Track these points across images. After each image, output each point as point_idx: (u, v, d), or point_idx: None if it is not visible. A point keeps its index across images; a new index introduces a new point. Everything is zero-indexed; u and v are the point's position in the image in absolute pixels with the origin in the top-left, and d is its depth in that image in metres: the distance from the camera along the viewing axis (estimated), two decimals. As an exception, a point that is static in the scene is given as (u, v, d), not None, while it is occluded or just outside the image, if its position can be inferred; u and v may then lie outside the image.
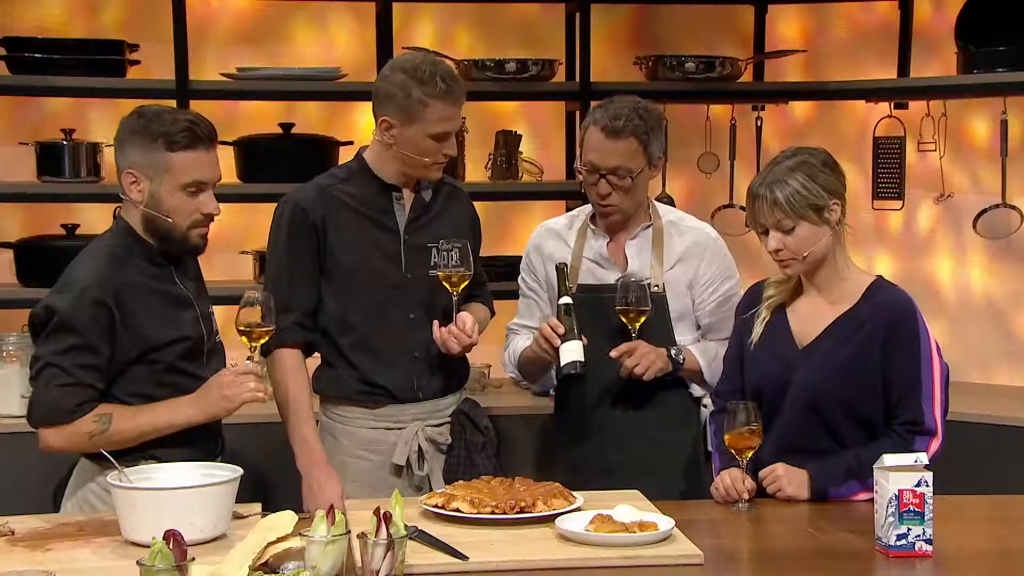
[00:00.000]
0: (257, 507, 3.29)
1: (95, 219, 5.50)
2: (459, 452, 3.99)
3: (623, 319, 3.81)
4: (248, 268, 5.48)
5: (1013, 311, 5.65)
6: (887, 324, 3.45)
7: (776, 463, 3.48)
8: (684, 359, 3.90)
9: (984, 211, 5.50)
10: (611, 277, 3.95)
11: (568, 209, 5.73)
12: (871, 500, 3.37)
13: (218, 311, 5.59)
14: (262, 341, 3.41)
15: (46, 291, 5.12)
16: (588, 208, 4.09)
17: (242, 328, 3.39)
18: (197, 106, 5.29)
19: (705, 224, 4.15)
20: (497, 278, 5.11)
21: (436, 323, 3.82)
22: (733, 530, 3.29)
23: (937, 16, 5.77)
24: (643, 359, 3.80)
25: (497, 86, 5.48)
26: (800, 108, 5.98)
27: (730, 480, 3.44)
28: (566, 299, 3.84)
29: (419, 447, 3.91)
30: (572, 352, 3.78)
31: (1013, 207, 5.46)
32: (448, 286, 3.79)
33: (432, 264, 3.86)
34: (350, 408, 3.93)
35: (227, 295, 5.44)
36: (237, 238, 5.54)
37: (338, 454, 3.92)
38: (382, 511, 2.72)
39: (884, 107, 5.72)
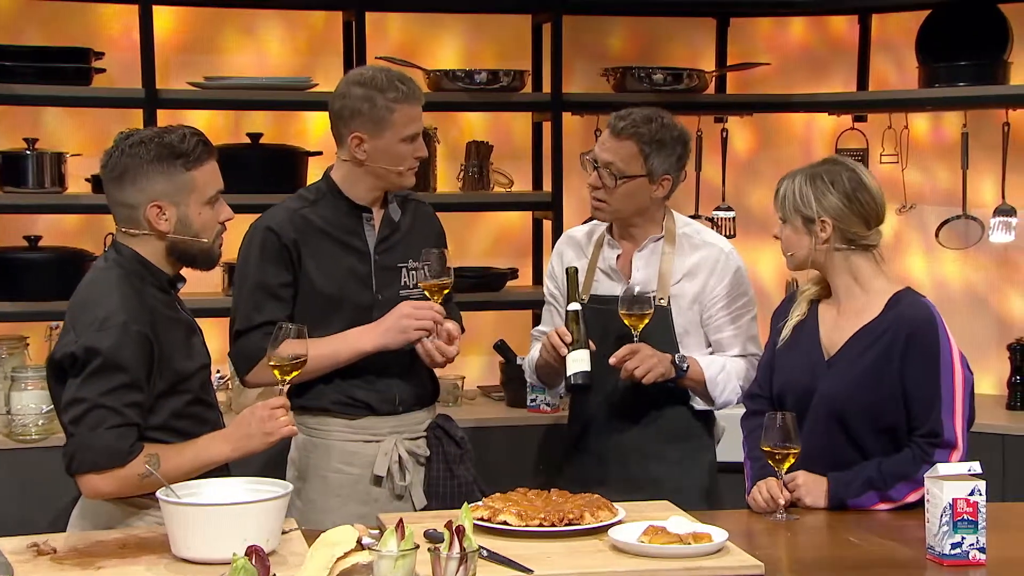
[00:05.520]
0: (293, 522, 3.23)
1: (57, 231, 5.39)
2: (438, 464, 3.98)
3: (625, 322, 3.79)
4: (216, 280, 5.39)
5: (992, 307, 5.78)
6: (906, 334, 3.48)
7: (797, 471, 3.50)
8: (688, 366, 3.88)
9: (946, 222, 5.60)
10: (618, 289, 3.93)
11: (534, 220, 5.79)
12: (888, 511, 3.45)
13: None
14: (294, 375, 3.34)
15: (7, 304, 5.10)
16: None
17: (275, 362, 3.30)
18: (164, 116, 5.22)
19: (721, 239, 4.13)
20: (467, 288, 5.15)
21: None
22: (772, 540, 3.30)
23: (895, 30, 5.87)
24: (644, 362, 3.78)
25: (468, 96, 5.47)
26: (763, 120, 6.04)
27: (767, 490, 3.45)
28: (575, 305, 3.83)
29: (399, 457, 3.90)
30: (579, 362, 3.78)
31: (974, 218, 5.56)
32: (430, 295, 3.79)
33: (403, 284, 3.88)
34: (327, 420, 3.90)
35: (195, 308, 5.39)
36: (204, 250, 5.44)
37: (319, 470, 3.90)
38: (455, 525, 2.69)
39: (846, 119, 5.81)
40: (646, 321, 3.80)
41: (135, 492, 3.21)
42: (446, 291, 3.80)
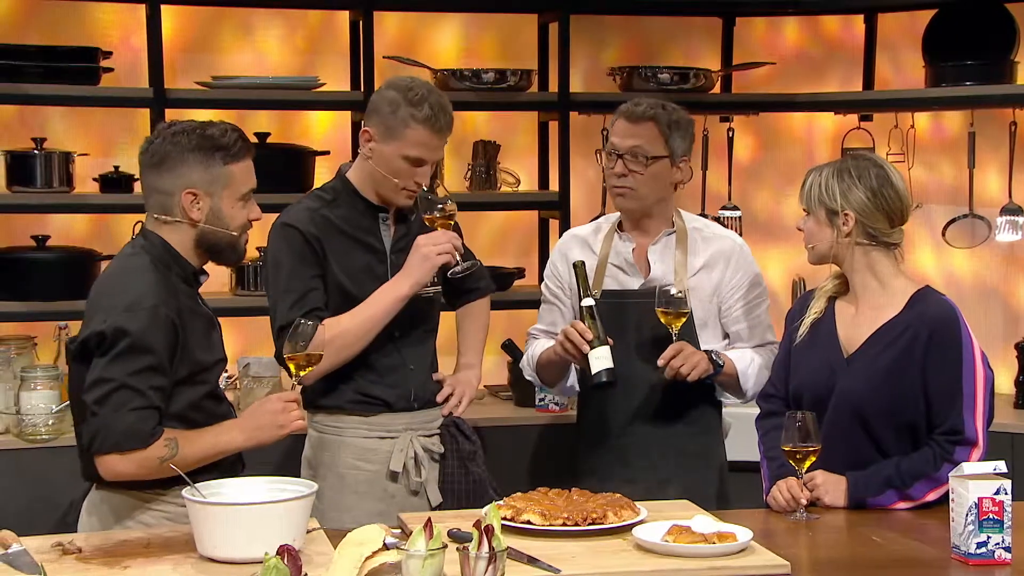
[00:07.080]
0: (316, 521, 3.23)
1: (65, 231, 5.38)
2: (452, 461, 4.00)
3: (662, 320, 3.78)
4: (224, 280, 5.39)
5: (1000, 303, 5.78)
6: (928, 332, 3.49)
7: (815, 471, 3.50)
8: (723, 362, 3.89)
9: (953, 220, 5.62)
10: (634, 283, 3.96)
11: (541, 219, 5.78)
12: (908, 509, 3.45)
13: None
14: (308, 370, 3.35)
15: (15, 304, 5.08)
16: (615, 215, 4.09)
17: (289, 355, 3.32)
18: (172, 116, 5.19)
19: (731, 232, 4.18)
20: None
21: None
22: (793, 539, 3.30)
23: (897, 30, 5.88)
24: (688, 359, 3.77)
25: (475, 96, 5.47)
26: (766, 122, 6.04)
27: (788, 490, 3.45)
28: (589, 300, 3.81)
29: (415, 454, 3.92)
30: (603, 359, 3.75)
31: (981, 217, 5.57)
32: (435, 226, 3.81)
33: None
34: (343, 418, 3.92)
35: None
36: (211, 249, 5.43)
37: (335, 468, 3.91)
38: (483, 524, 2.69)
39: (851, 120, 5.82)
40: (684, 320, 3.79)
41: (154, 475, 3.23)
42: (452, 220, 3.81)
